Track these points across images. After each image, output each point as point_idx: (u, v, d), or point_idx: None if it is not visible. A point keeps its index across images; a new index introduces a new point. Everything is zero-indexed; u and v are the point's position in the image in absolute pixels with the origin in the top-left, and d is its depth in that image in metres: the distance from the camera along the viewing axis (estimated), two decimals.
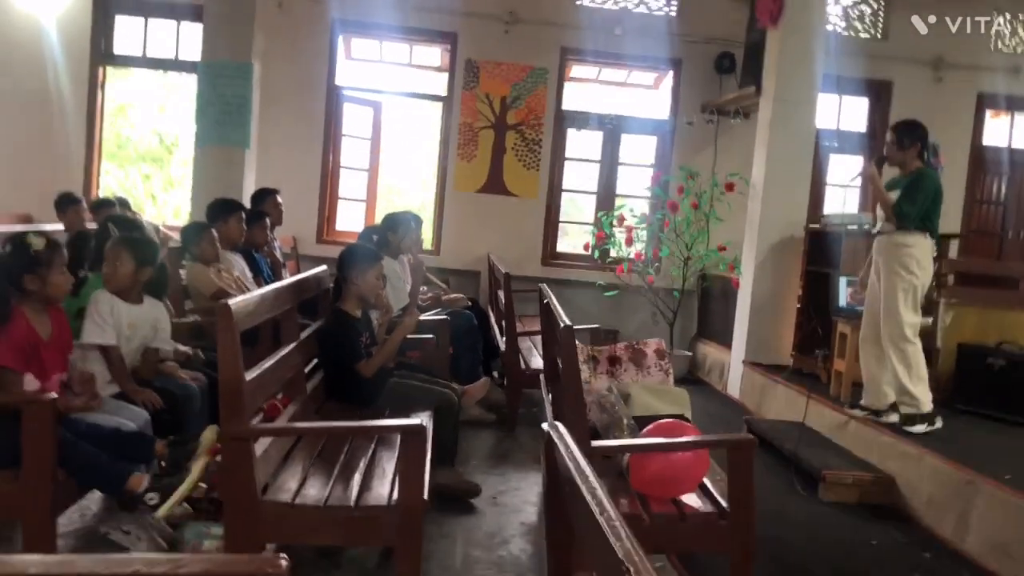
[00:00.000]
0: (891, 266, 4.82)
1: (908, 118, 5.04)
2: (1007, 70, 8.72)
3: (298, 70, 8.30)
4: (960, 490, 4.04)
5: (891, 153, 4.94)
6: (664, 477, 2.92)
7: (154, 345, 3.73)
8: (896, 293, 4.79)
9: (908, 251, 4.77)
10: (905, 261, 4.77)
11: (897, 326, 4.78)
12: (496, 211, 8.55)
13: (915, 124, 4.94)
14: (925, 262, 4.80)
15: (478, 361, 5.95)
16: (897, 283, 4.79)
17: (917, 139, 4.86)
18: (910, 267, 4.76)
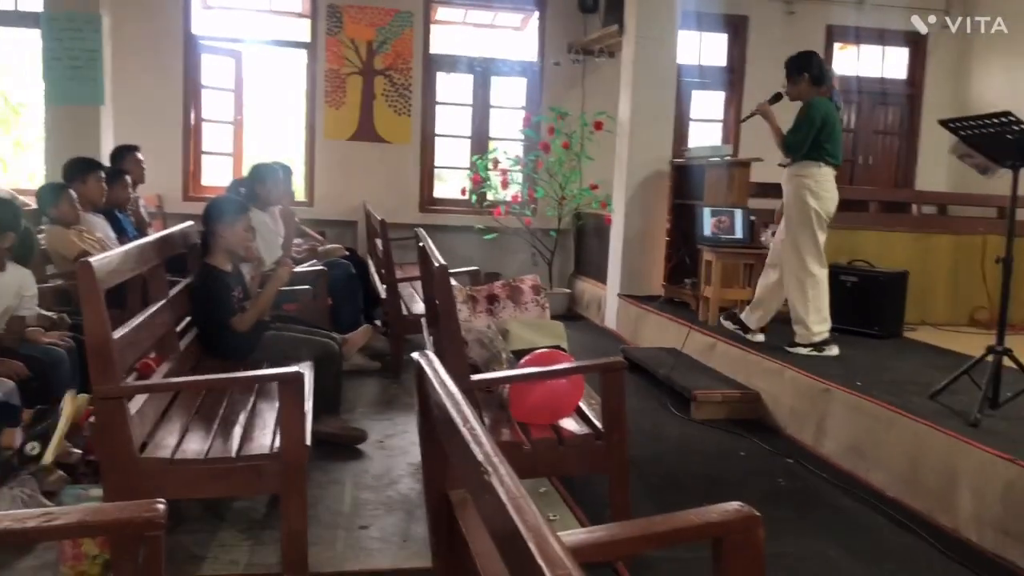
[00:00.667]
0: (790, 198, 4.93)
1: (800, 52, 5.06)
2: (853, 3, 9.12)
3: (152, 20, 7.91)
4: (817, 399, 4.34)
5: (788, 88, 4.99)
6: (542, 405, 3.03)
7: (20, 313, 3.57)
8: (796, 223, 4.89)
9: (803, 181, 4.85)
10: (801, 192, 4.85)
11: (797, 256, 4.89)
12: (369, 159, 8.45)
13: (801, 55, 4.98)
14: (822, 190, 4.84)
15: (358, 310, 5.94)
16: (795, 214, 4.89)
17: (803, 69, 4.88)
18: (805, 197, 4.83)
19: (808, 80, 4.89)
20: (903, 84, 9.57)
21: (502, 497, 0.89)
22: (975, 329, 6.11)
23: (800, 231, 4.89)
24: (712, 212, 5.94)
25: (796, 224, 4.90)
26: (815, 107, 4.82)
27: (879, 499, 3.67)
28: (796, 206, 4.89)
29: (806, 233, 4.88)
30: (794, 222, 4.91)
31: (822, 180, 4.87)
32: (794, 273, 4.93)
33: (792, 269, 4.94)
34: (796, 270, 4.92)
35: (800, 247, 4.89)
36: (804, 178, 4.86)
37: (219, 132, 8.47)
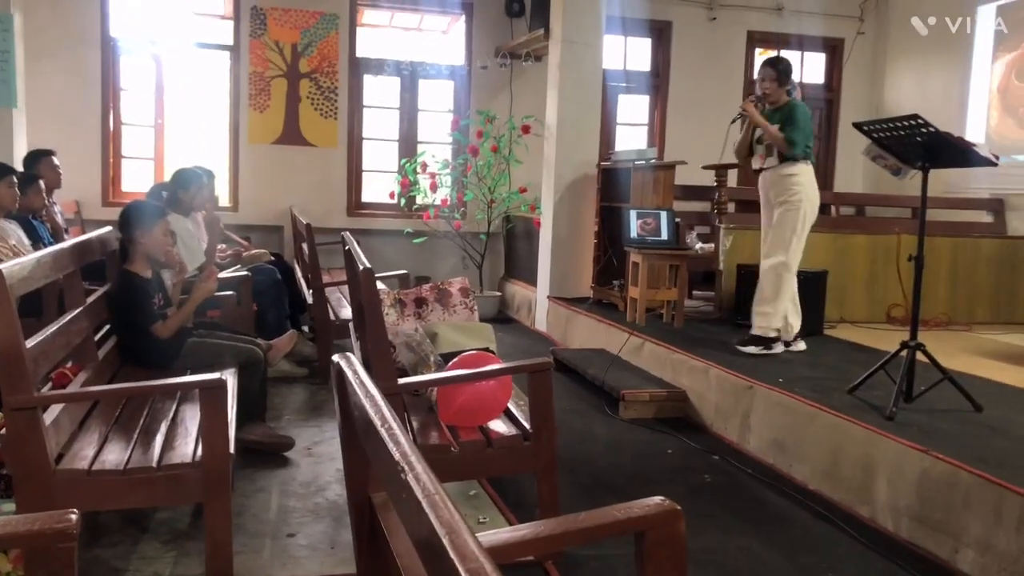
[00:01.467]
0: (780, 197, 4.94)
1: (778, 55, 5.14)
2: (773, 9, 9.36)
3: (67, 20, 7.69)
4: (741, 396, 4.44)
5: (771, 90, 4.97)
6: (470, 407, 3.03)
7: None
8: (785, 220, 4.92)
9: (794, 179, 4.89)
10: (795, 190, 4.89)
11: (781, 250, 4.94)
12: (295, 163, 8.35)
13: (785, 60, 5.09)
14: (810, 190, 4.94)
15: (284, 315, 5.86)
16: (786, 211, 4.92)
17: (790, 74, 5.00)
18: (799, 195, 4.88)
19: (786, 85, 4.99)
20: (821, 88, 9.84)
21: (417, 495, 0.89)
22: (891, 325, 6.31)
23: (787, 227, 4.93)
24: (638, 214, 6.02)
25: (789, 221, 4.92)
26: (802, 108, 4.94)
27: (801, 492, 3.76)
28: (790, 205, 4.91)
29: (796, 231, 4.93)
30: (785, 220, 4.93)
31: (810, 177, 4.96)
32: (773, 268, 4.98)
33: (772, 264, 4.99)
34: (776, 266, 4.97)
35: (787, 244, 4.93)
36: (794, 176, 4.91)
37: (140, 136, 8.25)
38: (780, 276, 4.98)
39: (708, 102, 8.90)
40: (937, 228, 6.62)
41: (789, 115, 4.90)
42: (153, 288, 3.84)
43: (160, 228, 3.84)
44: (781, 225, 4.97)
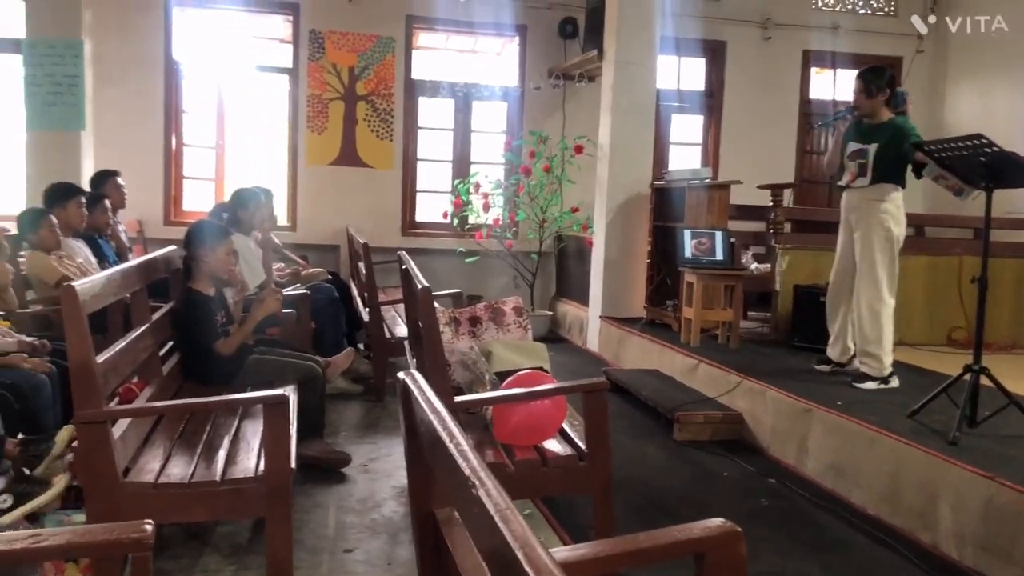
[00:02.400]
0: (868, 223, 4.65)
1: (873, 65, 4.86)
2: (828, 28, 9.29)
3: (133, 45, 7.93)
4: (798, 420, 4.38)
5: (860, 102, 4.66)
6: (525, 426, 3.04)
7: None
8: (874, 251, 4.63)
9: (885, 206, 4.61)
10: (884, 218, 4.60)
11: (874, 285, 4.63)
12: (352, 183, 8.48)
13: (881, 69, 4.75)
14: (900, 216, 4.65)
15: (341, 333, 5.95)
16: (877, 240, 4.62)
17: (885, 85, 4.61)
18: (888, 223, 4.60)
19: (886, 97, 4.62)
20: None
21: (489, 509, 0.90)
22: (953, 349, 6.17)
23: (881, 258, 4.62)
24: (692, 234, 6.00)
25: (878, 251, 4.62)
26: (911, 126, 4.59)
27: (860, 517, 3.70)
28: (879, 232, 4.61)
29: (887, 260, 4.63)
30: (875, 249, 4.62)
31: (902, 205, 4.67)
32: (869, 303, 4.65)
33: (868, 298, 4.66)
34: (872, 299, 4.64)
35: (879, 276, 4.62)
36: (885, 203, 4.61)
37: (201, 157, 8.47)
38: (877, 313, 4.65)
39: (763, 122, 8.86)
40: (1001, 249, 6.47)
41: (901, 132, 4.53)
42: (216, 306, 3.94)
43: (224, 248, 3.94)
44: (868, 258, 4.64)
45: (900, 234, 4.67)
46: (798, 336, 5.92)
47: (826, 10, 9.37)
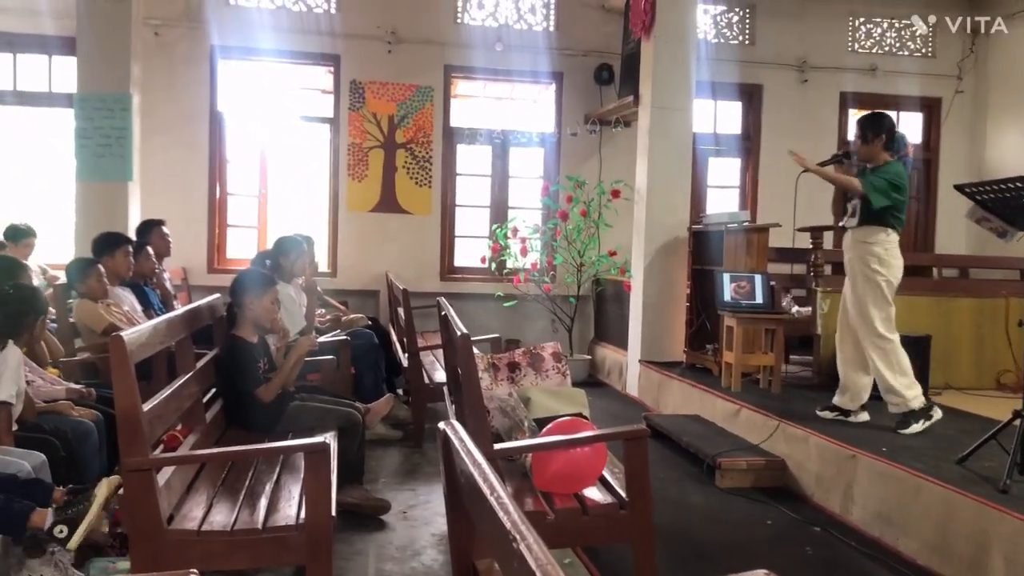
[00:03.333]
0: (856, 264, 4.74)
1: (873, 111, 4.95)
2: (866, 70, 9.28)
3: (179, 98, 8.16)
4: (843, 466, 4.30)
5: (857, 147, 4.79)
6: (565, 474, 3.03)
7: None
8: (863, 292, 4.70)
9: (870, 248, 4.67)
10: (868, 259, 4.67)
11: (868, 324, 4.68)
12: (391, 229, 8.58)
13: (879, 115, 4.81)
14: (891, 257, 4.67)
15: (381, 379, 5.98)
16: (862, 281, 4.71)
17: (881, 131, 4.69)
18: (872, 264, 4.65)
19: (883, 142, 4.70)
20: (919, 149, 9.63)
21: (531, 565, 0.91)
22: (1001, 393, 6.04)
23: (867, 299, 4.68)
24: (732, 278, 5.96)
25: (862, 292, 4.71)
26: (896, 169, 4.65)
27: (909, 567, 3.61)
28: (863, 273, 4.70)
29: (874, 301, 4.67)
30: (859, 290, 4.72)
31: (890, 247, 4.68)
32: (872, 342, 4.70)
33: (868, 339, 4.71)
34: (872, 338, 4.69)
35: (870, 316, 4.67)
36: (872, 245, 4.67)
37: (244, 205, 8.64)
38: (883, 350, 4.68)
39: None
40: None
41: (882, 174, 4.62)
42: (259, 353, 3.99)
43: (269, 296, 4.01)
44: (859, 300, 4.73)
45: (889, 275, 4.68)
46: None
47: (862, 52, 9.37)
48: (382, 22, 8.43)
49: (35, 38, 7.89)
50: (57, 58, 8.01)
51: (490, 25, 8.74)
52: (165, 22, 8.05)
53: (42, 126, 8.27)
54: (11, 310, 3.47)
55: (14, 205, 8.28)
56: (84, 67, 6.74)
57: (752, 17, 9.18)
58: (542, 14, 8.85)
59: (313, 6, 8.45)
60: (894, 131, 4.76)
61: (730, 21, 9.19)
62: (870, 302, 4.68)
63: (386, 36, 8.42)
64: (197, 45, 8.16)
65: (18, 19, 7.85)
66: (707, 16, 9.04)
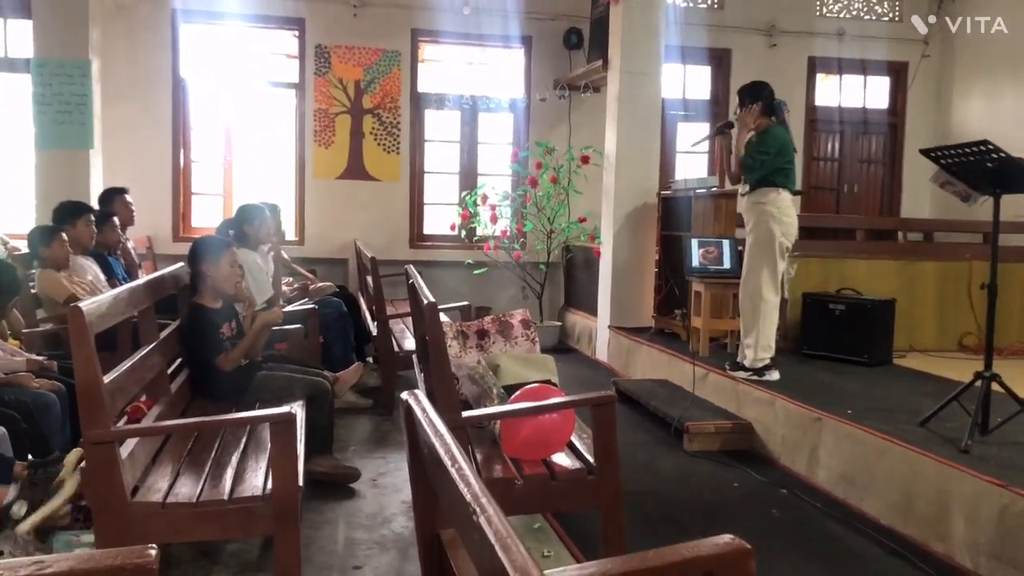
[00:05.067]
0: (752, 224, 5.01)
1: (753, 81, 5.18)
2: (833, 34, 9.28)
3: (141, 64, 7.98)
4: (809, 428, 4.35)
5: (740, 115, 5.09)
6: (533, 440, 3.03)
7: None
8: (755, 250, 4.99)
9: (765, 208, 4.93)
10: (764, 218, 4.93)
11: (756, 281, 4.99)
12: (359, 197, 8.50)
13: (755, 84, 5.11)
14: (783, 215, 4.94)
15: (350, 347, 5.95)
16: (757, 239, 4.98)
17: (757, 98, 5.00)
18: (769, 223, 4.91)
19: (760, 109, 5.00)
20: (885, 113, 9.70)
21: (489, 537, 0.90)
22: (964, 355, 6.14)
23: (761, 256, 4.97)
24: (700, 243, 5.98)
25: (757, 249, 4.98)
26: (773, 134, 4.96)
27: (873, 527, 3.67)
28: (759, 232, 4.97)
29: (766, 259, 4.96)
30: (755, 247, 5.00)
31: (783, 206, 4.96)
32: (749, 296, 5.05)
33: (748, 292, 5.05)
34: (752, 294, 5.02)
35: (758, 272, 4.98)
36: (765, 204, 4.94)
37: (209, 173, 8.51)
38: (756, 306, 5.01)
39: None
40: (1010, 254, 6.42)
41: (761, 137, 4.95)
42: (222, 318, 3.93)
43: (226, 259, 3.95)
44: (751, 254, 5.03)
45: (784, 233, 4.94)
46: (808, 344, 5.90)
47: (831, 16, 9.36)
48: None
49: None
50: (12, 21, 7.78)
51: None
52: None
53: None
54: None
55: None
56: (40, 32, 6.57)
57: None
58: None
59: None
60: (772, 97, 5.06)
61: None
62: (760, 257, 4.97)
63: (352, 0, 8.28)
64: (158, 9, 7.98)
65: None
66: None
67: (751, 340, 5.07)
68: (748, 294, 5.06)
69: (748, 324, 5.09)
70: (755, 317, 5.03)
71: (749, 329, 5.09)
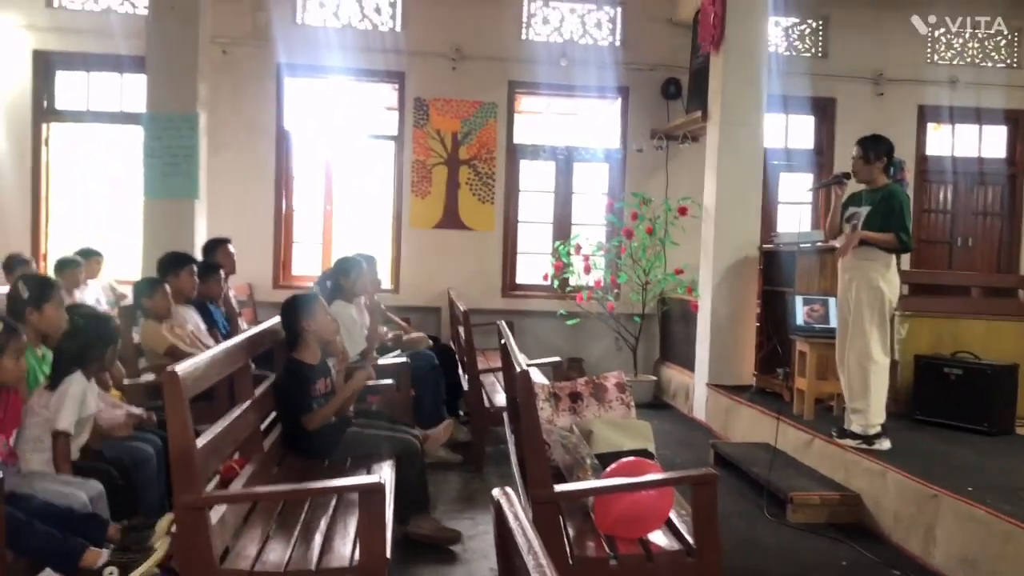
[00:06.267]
0: (860, 282, 4.79)
1: (873, 133, 4.99)
2: (945, 82, 8.92)
3: (246, 116, 8.26)
4: (925, 505, 4.06)
5: (858, 168, 4.91)
6: (629, 517, 2.89)
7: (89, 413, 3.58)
8: (863, 309, 4.76)
9: (874, 265, 4.74)
10: (873, 277, 4.73)
11: (864, 342, 4.75)
12: (454, 246, 8.54)
13: (880, 138, 4.92)
14: (891, 275, 4.77)
15: (440, 401, 5.89)
16: (864, 299, 4.76)
17: (883, 153, 4.85)
18: (878, 283, 4.73)
19: (884, 164, 4.86)
20: (1003, 163, 9.24)
21: None
22: None
23: (870, 317, 4.74)
24: (804, 300, 5.74)
25: (866, 308, 4.75)
26: (901, 193, 4.83)
27: None
28: (867, 290, 4.75)
29: (876, 318, 4.75)
30: (864, 307, 4.76)
31: (892, 266, 4.79)
32: (858, 359, 4.79)
33: (857, 355, 4.79)
34: (861, 357, 4.77)
35: (868, 333, 4.74)
36: (876, 262, 4.75)
37: (309, 222, 8.69)
38: (866, 370, 4.76)
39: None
40: None
41: (889, 200, 4.75)
42: (317, 374, 3.94)
43: (321, 310, 3.98)
44: (859, 314, 4.78)
45: (892, 295, 4.78)
46: (920, 409, 5.57)
47: (942, 64, 9.01)
48: (447, 39, 8.40)
49: (108, 57, 8.05)
50: (128, 76, 8.17)
51: (555, 40, 8.65)
52: (233, 40, 8.15)
53: (114, 143, 8.45)
54: (82, 341, 3.48)
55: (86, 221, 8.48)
56: (153, 87, 6.82)
57: (826, 29, 8.91)
58: (608, 29, 8.72)
59: (378, 24, 8.47)
60: (893, 154, 4.92)
61: (802, 33, 8.93)
62: (868, 319, 4.74)
63: (450, 53, 8.39)
64: (264, 63, 8.25)
65: (93, 39, 8.02)
66: (778, 28, 8.80)
67: (861, 405, 4.79)
68: (856, 356, 4.80)
69: (857, 388, 4.82)
70: (864, 381, 4.77)
71: (858, 394, 4.81)
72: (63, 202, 8.51)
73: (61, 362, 3.40)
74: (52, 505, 2.93)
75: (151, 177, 6.77)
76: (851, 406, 4.87)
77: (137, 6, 8.12)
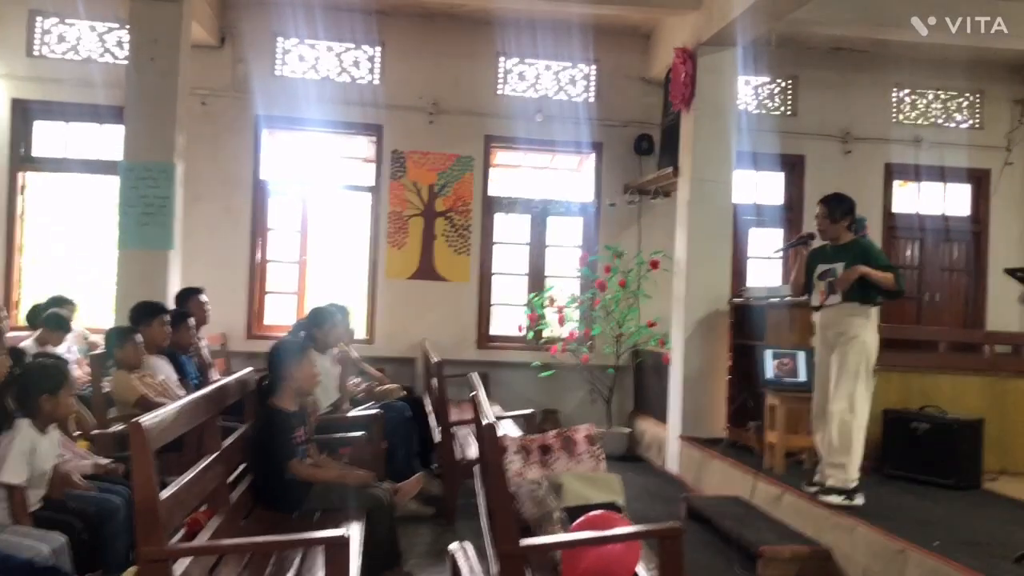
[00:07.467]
0: (846, 337, 4.80)
1: (835, 192, 5.11)
2: (910, 141, 9.15)
3: (223, 167, 8.30)
4: (893, 559, 4.08)
5: (824, 227, 4.99)
6: (596, 570, 2.90)
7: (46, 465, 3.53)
8: (849, 364, 4.76)
9: (859, 320, 4.78)
10: (859, 331, 4.77)
11: (848, 398, 4.75)
12: (429, 297, 8.56)
13: (843, 197, 5.03)
14: (874, 330, 4.81)
15: (413, 454, 5.88)
16: (850, 354, 4.76)
17: (847, 211, 4.96)
18: (862, 336, 4.76)
19: (848, 222, 4.97)
20: (967, 221, 9.43)
21: None
22: None
23: (856, 372, 4.75)
24: (774, 354, 5.79)
25: (853, 364, 4.75)
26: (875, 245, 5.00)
27: None
28: (853, 345, 4.76)
29: (863, 374, 4.76)
30: (850, 362, 4.76)
31: (873, 319, 4.83)
32: (841, 413, 4.76)
33: (840, 409, 4.77)
34: (845, 412, 4.75)
35: (854, 388, 4.74)
36: (861, 317, 4.78)
37: (284, 272, 8.69)
38: (848, 424, 4.75)
39: None
40: None
41: (867, 252, 4.83)
42: (297, 421, 3.96)
43: (308, 360, 4.03)
44: (845, 369, 4.77)
45: (874, 349, 4.82)
46: (889, 463, 5.62)
47: (907, 124, 9.24)
48: (424, 93, 8.53)
49: (87, 107, 8.08)
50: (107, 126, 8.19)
51: (530, 96, 8.80)
52: (212, 92, 8.22)
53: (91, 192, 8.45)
54: (20, 390, 3.45)
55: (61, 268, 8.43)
56: (131, 136, 6.83)
57: (795, 88, 9.13)
58: (582, 85, 8.89)
59: (357, 77, 8.59)
60: (855, 211, 5.02)
61: (772, 92, 9.14)
62: (854, 374, 4.75)
63: (428, 107, 8.52)
64: (242, 115, 8.32)
65: (72, 89, 8.06)
66: (748, 87, 9.01)
67: (842, 459, 4.75)
68: (840, 411, 4.76)
69: (838, 443, 4.76)
70: (847, 436, 4.74)
71: (840, 449, 4.76)
72: (37, 250, 8.46)
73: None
74: (12, 558, 2.89)
75: (126, 226, 6.75)
76: (830, 460, 4.83)
77: (118, 56, 8.18)
